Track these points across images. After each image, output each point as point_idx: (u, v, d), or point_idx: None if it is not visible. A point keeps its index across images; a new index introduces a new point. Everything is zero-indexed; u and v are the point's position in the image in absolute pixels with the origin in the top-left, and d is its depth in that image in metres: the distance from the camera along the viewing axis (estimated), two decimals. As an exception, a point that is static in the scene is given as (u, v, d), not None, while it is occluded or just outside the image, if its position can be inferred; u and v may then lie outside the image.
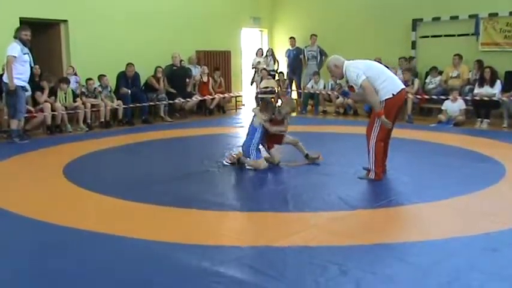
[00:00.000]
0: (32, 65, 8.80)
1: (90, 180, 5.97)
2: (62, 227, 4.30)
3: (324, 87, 12.94)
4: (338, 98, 12.34)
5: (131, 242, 3.96)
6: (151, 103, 11.49)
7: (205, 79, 13.04)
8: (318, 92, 12.78)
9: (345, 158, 6.99)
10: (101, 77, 10.90)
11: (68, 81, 10.26)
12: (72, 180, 5.93)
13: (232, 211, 4.70)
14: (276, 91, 13.48)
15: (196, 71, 13.07)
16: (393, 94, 5.51)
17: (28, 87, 8.95)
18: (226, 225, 4.39)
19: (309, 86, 13.15)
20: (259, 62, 14.06)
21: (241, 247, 3.79)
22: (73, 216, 4.60)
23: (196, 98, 12.48)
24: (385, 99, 5.51)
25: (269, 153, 6.58)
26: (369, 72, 5.50)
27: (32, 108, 9.57)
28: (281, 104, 6.68)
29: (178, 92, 12.13)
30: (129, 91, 11.16)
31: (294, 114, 13.42)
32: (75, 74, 10.94)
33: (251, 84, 14.04)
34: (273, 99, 13.63)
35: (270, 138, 6.62)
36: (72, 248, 3.84)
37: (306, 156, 6.75)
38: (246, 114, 13.34)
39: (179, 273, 3.39)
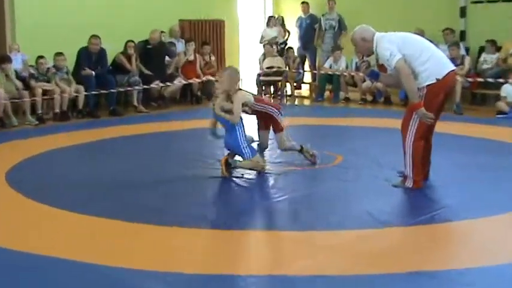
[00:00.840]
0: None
1: (40, 189, 5.96)
2: (5, 250, 4.30)
3: (347, 67, 12.94)
4: (365, 81, 12.33)
5: (92, 269, 3.95)
6: (121, 89, 11.51)
7: (191, 57, 13.03)
8: (338, 73, 12.79)
9: (374, 160, 6.99)
10: (56, 56, 10.90)
11: (9, 60, 10.25)
12: (17, 189, 5.92)
13: (225, 230, 4.70)
14: (284, 72, 13.48)
15: (179, 47, 13.08)
16: (437, 79, 5.47)
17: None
18: (218, 247, 4.38)
19: (326, 65, 13.15)
20: (275, 37, 13.97)
21: (238, 276, 3.78)
22: (18, 237, 4.60)
23: (180, 81, 12.49)
24: (427, 85, 5.49)
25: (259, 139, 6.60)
26: (407, 49, 5.47)
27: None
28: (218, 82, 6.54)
29: (155, 74, 12.13)
30: (93, 72, 11.15)
31: (307, 102, 13.42)
32: (19, 51, 10.91)
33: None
34: (279, 83, 13.64)
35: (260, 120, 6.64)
36: (20, 277, 3.83)
37: (301, 149, 6.79)
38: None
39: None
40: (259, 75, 13.72)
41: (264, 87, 13.95)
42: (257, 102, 6.47)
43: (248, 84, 15.13)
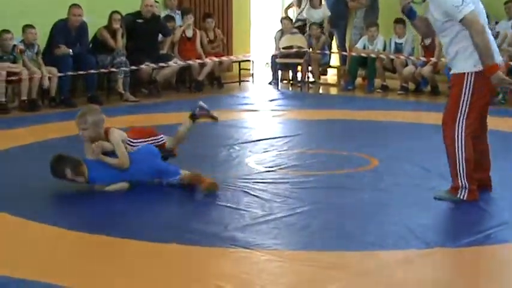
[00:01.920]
0: None
1: (5, 194, 6.03)
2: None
3: (384, 49, 12.91)
4: (407, 65, 12.31)
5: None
6: (103, 70, 11.53)
7: (189, 33, 13.07)
8: (373, 55, 12.76)
9: (417, 164, 6.98)
10: (25, 29, 10.92)
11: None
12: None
13: (231, 247, 4.73)
14: (306, 53, 13.48)
15: (177, 20, 13.10)
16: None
17: None
18: (231, 269, 4.42)
19: (359, 45, 13.13)
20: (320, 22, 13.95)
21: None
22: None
23: (176, 62, 12.50)
24: (475, 72, 5.48)
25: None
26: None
27: None
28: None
29: (146, 54, 12.15)
30: (70, 51, 11.20)
31: (334, 91, 13.42)
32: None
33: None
34: (299, 67, 13.64)
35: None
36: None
37: (192, 115, 6.86)
38: (256, 91, 13.36)
39: None
40: (274, 56, 13.72)
41: (280, 72, 13.95)
42: (133, 137, 6.44)
43: (261, 68, 15.18)
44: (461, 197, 5.61)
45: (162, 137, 6.63)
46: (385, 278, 4.20)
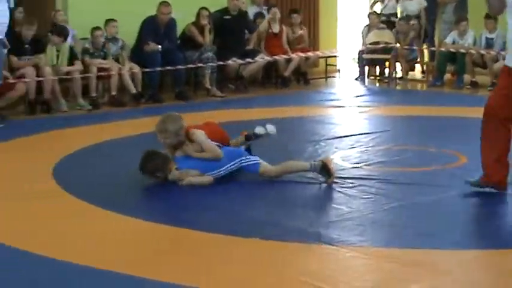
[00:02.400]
0: (12, 5, 9.19)
1: (95, 188, 6.17)
2: (54, 261, 4.45)
3: (474, 43, 12.66)
4: (497, 60, 12.03)
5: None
6: (190, 66, 11.66)
7: (275, 29, 13.09)
8: (463, 50, 12.52)
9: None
10: (108, 23, 11.09)
11: (65, 33, 10.57)
12: (66, 188, 6.13)
13: (315, 243, 4.72)
14: (393, 48, 13.33)
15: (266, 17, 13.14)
16: None
17: (6, 41, 9.33)
18: (305, 264, 4.41)
19: (448, 40, 12.92)
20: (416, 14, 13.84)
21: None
22: (66, 245, 4.78)
23: (263, 58, 12.54)
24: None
25: None
26: None
27: (8, 74, 9.92)
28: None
29: (233, 50, 12.24)
30: (159, 47, 11.35)
31: (420, 87, 13.26)
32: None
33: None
34: (387, 63, 13.51)
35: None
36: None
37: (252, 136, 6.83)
38: (342, 86, 13.30)
39: None
40: (361, 52, 13.64)
41: (367, 68, 13.86)
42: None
43: (347, 64, 15.10)
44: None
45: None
46: (469, 277, 4.14)
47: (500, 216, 5.23)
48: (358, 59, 13.84)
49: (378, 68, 14.05)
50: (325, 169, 6.18)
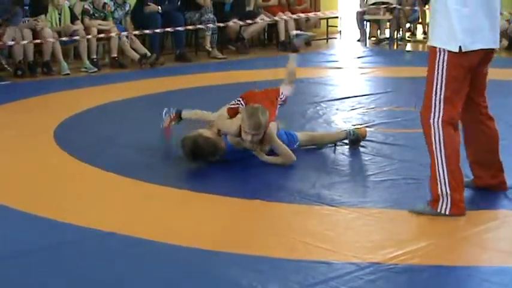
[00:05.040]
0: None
1: (93, 150, 6.18)
2: (60, 223, 4.48)
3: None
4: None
5: (158, 248, 4.07)
6: (191, 27, 11.58)
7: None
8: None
9: (508, 122, 6.81)
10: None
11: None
12: (67, 150, 6.13)
13: (316, 204, 4.73)
14: (395, 9, 13.22)
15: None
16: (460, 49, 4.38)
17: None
18: (306, 225, 4.42)
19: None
20: None
21: (334, 264, 3.81)
22: (68, 207, 4.80)
23: (263, 19, 12.46)
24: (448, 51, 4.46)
25: None
26: None
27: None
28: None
29: (233, 11, 12.17)
30: (159, 8, 11.28)
31: (421, 47, 13.20)
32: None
33: None
34: (387, 23, 13.39)
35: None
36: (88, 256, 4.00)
37: (292, 40, 6.46)
38: (344, 48, 13.23)
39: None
40: (361, 13, 13.51)
41: (368, 29, 13.75)
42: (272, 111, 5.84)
43: (347, 24, 14.99)
44: (443, 211, 4.46)
45: (282, 93, 6.21)
46: (472, 238, 4.14)
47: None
48: (357, 19, 13.69)
49: (378, 30, 13.94)
50: (357, 141, 6.10)
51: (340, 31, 14.33)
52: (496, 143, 4.82)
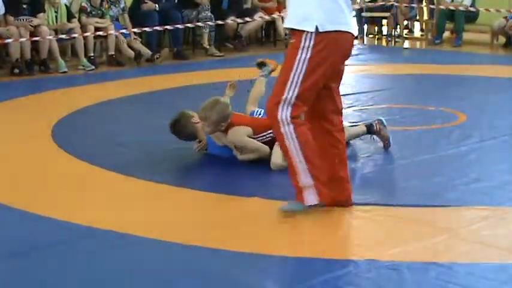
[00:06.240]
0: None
1: (93, 148, 6.18)
2: (58, 222, 4.47)
3: (473, 2, 12.55)
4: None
5: (157, 246, 4.07)
6: (188, 25, 11.58)
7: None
8: (462, 8, 12.42)
9: (505, 119, 6.87)
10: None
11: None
12: (66, 149, 6.13)
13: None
14: (392, 6, 13.23)
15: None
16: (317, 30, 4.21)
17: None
18: (303, 223, 4.40)
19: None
20: None
21: (337, 261, 3.81)
22: (66, 206, 4.79)
23: (261, 17, 12.46)
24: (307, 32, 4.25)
25: None
26: None
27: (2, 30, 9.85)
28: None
29: (231, 9, 12.17)
30: (156, 6, 11.27)
31: (419, 45, 13.21)
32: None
33: None
34: (386, 21, 13.42)
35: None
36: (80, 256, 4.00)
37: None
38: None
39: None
40: (360, 10, 13.51)
41: (366, 27, 13.77)
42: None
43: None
44: (310, 202, 4.33)
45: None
46: (471, 235, 4.14)
47: (505, 174, 5.21)
48: (357, 17, 13.71)
49: (376, 27, 13.96)
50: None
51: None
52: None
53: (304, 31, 4.21)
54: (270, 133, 5.37)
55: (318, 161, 4.31)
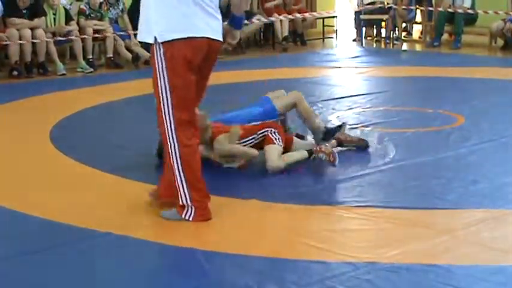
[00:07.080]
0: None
1: (92, 150, 6.19)
2: (57, 223, 4.48)
3: (473, 5, 12.56)
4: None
5: (154, 248, 4.08)
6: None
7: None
8: (461, 10, 12.44)
9: (503, 121, 6.87)
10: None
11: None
12: (64, 151, 6.14)
13: (313, 205, 4.73)
14: (391, 9, 13.24)
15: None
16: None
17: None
18: (303, 225, 4.43)
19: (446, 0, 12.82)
20: None
21: (333, 263, 3.81)
22: (65, 208, 4.79)
23: (259, 19, 12.45)
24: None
25: None
26: None
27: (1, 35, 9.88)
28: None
29: (229, 11, 12.11)
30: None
31: (419, 47, 13.22)
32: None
33: None
34: (383, 22, 13.43)
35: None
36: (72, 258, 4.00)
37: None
38: (340, 47, 13.25)
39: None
40: (358, 13, 13.52)
41: (364, 29, 13.78)
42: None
43: (345, 25, 15.02)
44: (187, 218, 4.40)
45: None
46: (470, 237, 4.14)
47: (503, 176, 5.21)
48: (355, 20, 13.73)
49: (375, 29, 13.96)
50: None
51: (337, 31, 14.34)
52: None
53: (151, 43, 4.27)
54: (253, 138, 5.53)
55: (198, 182, 4.42)
